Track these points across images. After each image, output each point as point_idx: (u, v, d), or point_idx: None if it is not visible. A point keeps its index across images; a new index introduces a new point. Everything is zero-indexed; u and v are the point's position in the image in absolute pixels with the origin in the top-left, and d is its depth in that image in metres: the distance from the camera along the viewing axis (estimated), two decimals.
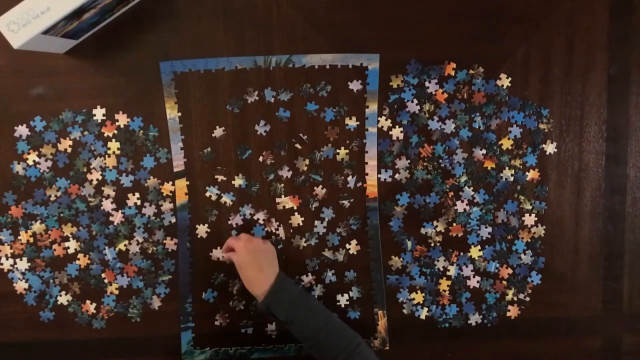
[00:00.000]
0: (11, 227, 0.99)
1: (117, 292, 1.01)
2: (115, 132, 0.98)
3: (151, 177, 0.99)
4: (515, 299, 1.05)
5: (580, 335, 1.06)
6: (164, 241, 1.01)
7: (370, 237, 1.02)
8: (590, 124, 1.02)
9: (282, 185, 1.00)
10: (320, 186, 1.01)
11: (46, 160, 0.98)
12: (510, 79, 1.00)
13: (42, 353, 1.02)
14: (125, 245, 1.00)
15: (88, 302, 1.01)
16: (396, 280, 1.03)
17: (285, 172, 1.00)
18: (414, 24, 0.99)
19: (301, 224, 1.01)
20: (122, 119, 0.98)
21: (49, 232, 0.99)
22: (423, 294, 1.04)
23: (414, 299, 1.04)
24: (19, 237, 0.99)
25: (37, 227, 0.99)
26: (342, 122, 1.00)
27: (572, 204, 1.04)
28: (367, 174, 1.01)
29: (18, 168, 0.98)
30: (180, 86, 0.98)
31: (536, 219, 1.03)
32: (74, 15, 0.80)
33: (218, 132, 0.99)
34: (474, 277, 1.04)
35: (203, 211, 1.00)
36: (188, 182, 1.00)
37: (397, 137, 1.01)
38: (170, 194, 1.00)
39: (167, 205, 1.00)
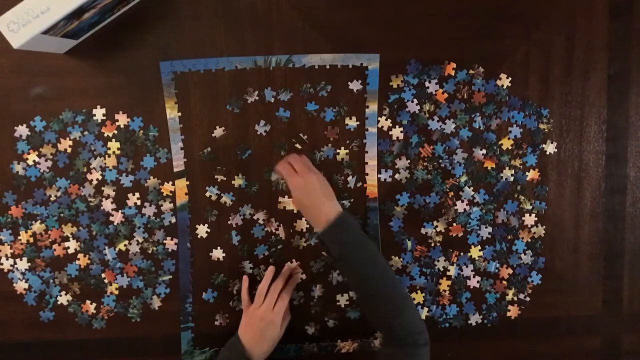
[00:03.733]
0: (11, 227, 0.99)
1: (117, 292, 1.01)
2: (115, 132, 0.98)
3: (151, 177, 0.99)
4: (515, 299, 1.05)
5: (580, 335, 1.07)
6: (164, 241, 1.01)
7: (370, 237, 1.02)
8: (590, 124, 1.02)
9: (284, 181, 1.00)
10: None
11: (46, 160, 0.98)
12: (510, 79, 1.00)
13: (42, 353, 1.02)
14: (125, 245, 1.00)
15: (88, 302, 1.01)
16: None
17: None
18: (414, 24, 0.99)
19: (305, 229, 1.01)
20: (122, 119, 0.98)
21: (49, 232, 0.99)
22: (423, 294, 1.04)
23: (414, 299, 1.04)
24: (19, 237, 0.99)
25: (37, 227, 0.99)
26: (342, 122, 1.00)
27: (572, 204, 1.04)
28: (367, 174, 1.01)
29: (18, 168, 0.98)
30: (180, 86, 0.98)
31: (536, 219, 1.03)
32: (74, 15, 0.80)
33: (218, 132, 0.99)
34: (474, 277, 1.04)
35: (203, 211, 1.00)
36: (188, 182, 1.00)
37: (397, 137, 1.01)
38: (170, 194, 1.00)
39: (167, 205, 1.00)
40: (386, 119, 1.00)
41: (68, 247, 1.00)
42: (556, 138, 1.02)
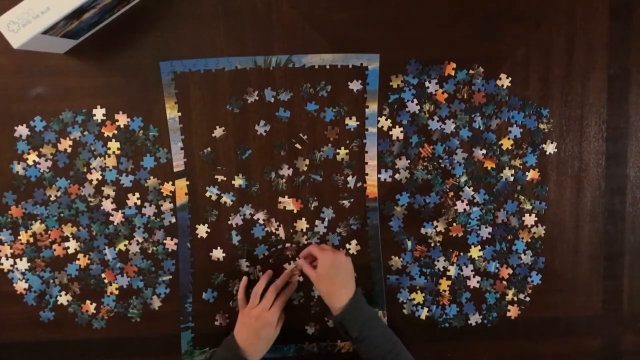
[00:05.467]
0: (11, 227, 0.99)
1: (117, 292, 1.01)
2: (115, 132, 0.98)
3: (151, 177, 0.99)
4: (515, 299, 1.05)
5: (580, 335, 1.07)
6: (164, 241, 1.01)
7: (370, 237, 1.02)
8: (590, 124, 1.02)
9: (284, 181, 1.00)
10: (320, 186, 1.01)
11: (46, 160, 0.98)
12: (510, 79, 1.00)
13: (42, 353, 1.02)
14: (125, 245, 1.00)
15: (88, 302, 1.01)
16: (396, 280, 1.03)
17: (286, 171, 1.00)
18: (414, 24, 0.99)
19: (305, 229, 1.01)
20: (122, 119, 0.98)
21: (49, 232, 0.99)
22: (423, 294, 1.04)
23: (414, 299, 1.04)
24: (19, 237, 0.99)
25: (37, 227, 0.99)
26: (342, 122, 1.00)
27: (572, 204, 1.04)
28: (367, 174, 1.01)
29: (18, 168, 0.98)
30: (180, 86, 0.98)
31: (536, 219, 1.03)
32: (74, 15, 0.80)
33: (218, 132, 0.99)
34: (474, 277, 1.04)
35: (203, 211, 1.00)
36: (188, 182, 1.00)
37: (397, 137, 1.01)
38: (170, 194, 1.00)
39: (167, 205, 1.00)
40: (386, 119, 1.00)
41: (68, 247, 1.00)
42: (556, 138, 1.02)
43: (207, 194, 1.00)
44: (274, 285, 0.96)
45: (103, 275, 1.00)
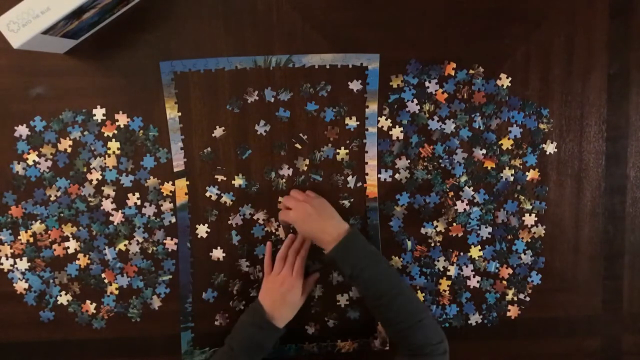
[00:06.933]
0: (11, 227, 0.99)
1: (117, 292, 1.01)
2: (115, 132, 0.98)
3: (151, 177, 0.99)
4: (515, 299, 1.05)
5: (580, 335, 1.07)
6: (164, 241, 1.01)
7: (370, 237, 1.02)
8: (590, 124, 1.02)
9: (284, 181, 1.00)
10: (320, 186, 1.01)
11: (46, 160, 0.98)
12: (510, 79, 1.00)
13: (42, 353, 1.02)
14: (125, 245, 1.00)
15: (88, 302, 1.01)
16: None
17: (286, 171, 1.00)
18: (414, 24, 0.99)
19: None
20: (122, 119, 0.98)
21: (49, 232, 0.99)
22: (423, 294, 1.04)
23: None
24: (19, 237, 0.99)
25: (37, 227, 0.99)
26: (342, 122, 1.00)
27: (572, 204, 1.04)
28: (367, 174, 1.01)
29: (18, 168, 0.98)
30: (180, 86, 0.98)
31: (536, 219, 1.03)
32: (74, 15, 0.80)
33: (218, 132, 0.99)
34: (474, 277, 1.04)
35: (203, 211, 1.00)
36: (188, 182, 1.00)
37: (397, 137, 1.01)
38: (170, 194, 1.00)
39: (167, 205, 1.00)
40: (386, 119, 1.00)
41: (68, 247, 1.00)
42: (556, 138, 1.02)
43: (207, 194, 1.00)
44: (293, 249, 0.97)
45: (103, 275, 1.00)
